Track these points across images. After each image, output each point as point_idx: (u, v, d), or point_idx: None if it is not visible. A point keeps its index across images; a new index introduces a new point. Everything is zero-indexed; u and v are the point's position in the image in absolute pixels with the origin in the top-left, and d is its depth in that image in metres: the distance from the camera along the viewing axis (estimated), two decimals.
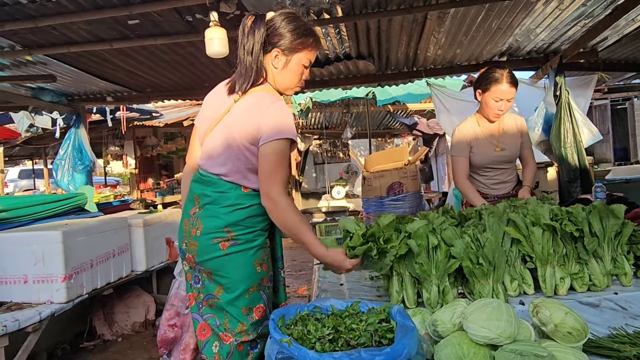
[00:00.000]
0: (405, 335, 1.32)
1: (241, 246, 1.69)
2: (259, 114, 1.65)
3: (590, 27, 4.23)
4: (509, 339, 1.37)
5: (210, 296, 1.72)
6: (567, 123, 4.58)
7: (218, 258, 1.67)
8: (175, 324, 2.44)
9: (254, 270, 1.71)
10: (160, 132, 11.83)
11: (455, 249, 1.79)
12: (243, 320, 1.69)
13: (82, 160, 5.82)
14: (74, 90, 5.77)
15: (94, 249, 3.42)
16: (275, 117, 1.64)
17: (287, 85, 1.80)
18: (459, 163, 2.95)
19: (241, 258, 1.69)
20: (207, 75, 5.23)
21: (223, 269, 1.68)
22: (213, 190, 1.72)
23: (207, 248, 1.68)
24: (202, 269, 1.72)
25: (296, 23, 1.73)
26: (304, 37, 1.74)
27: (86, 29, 3.69)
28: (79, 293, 3.25)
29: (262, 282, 1.74)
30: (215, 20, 3.14)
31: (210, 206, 1.71)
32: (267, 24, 1.70)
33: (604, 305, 1.73)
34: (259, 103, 1.67)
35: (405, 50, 4.77)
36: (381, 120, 12.30)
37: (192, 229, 1.72)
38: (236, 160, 1.70)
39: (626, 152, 12.65)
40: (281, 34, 1.71)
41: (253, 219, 1.72)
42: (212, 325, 1.73)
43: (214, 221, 1.68)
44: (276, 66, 1.74)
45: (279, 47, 1.71)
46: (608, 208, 1.84)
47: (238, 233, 1.68)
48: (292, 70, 1.76)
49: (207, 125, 1.79)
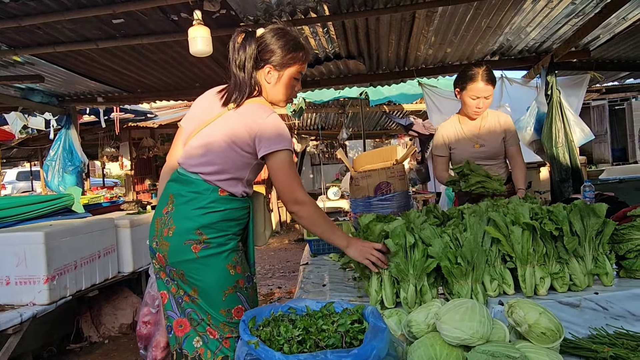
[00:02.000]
0: (375, 337, 1.28)
1: (213, 250, 1.69)
2: (255, 125, 1.68)
3: (581, 25, 4.20)
4: (482, 339, 1.34)
5: (187, 293, 1.73)
6: (558, 122, 4.55)
7: (190, 261, 1.67)
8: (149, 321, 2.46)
9: (227, 274, 1.71)
10: (157, 134, 11.81)
11: (433, 248, 1.76)
12: (223, 320, 1.70)
13: (73, 161, 5.79)
14: (63, 90, 5.74)
15: (79, 250, 3.39)
16: (275, 128, 1.70)
17: (280, 98, 1.85)
18: (437, 161, 3.14)
19: (213, 262, 1.69)
20: (196, 75, 5.21)
21: (196, 273, 1.68)
22: (189, 190, 1.72)
23: (179, 250, 1.68)
24: (173, 270, 1.72)
25: (286, 39, 1.77)
26: (294, 51, 1.79)
27: (71, 29, 3.66)
28: (62, 295, 3.21)
29: (238, 284, 1.74)
30: (198, 18, 3.12)
31: (184, 206, 1.71)
32: (257, 40, 1.74)
33: (585, 306, 1.69)
34: (256, 114, 1.71)
35: (395, 49, 4.75)
36: (377, 120, 12.29)
37: (164, 228, 1.71)
38: (222, 164, 1.71)
39: (624, 152, 12.63)
40: (272, 50, 1.75)
41: (226, 223, 1.72)
42: (195, 319, 1.72)
43: (186, 223, 1.69)
44: (269, 81, 1.79)
45: (270, 63, 1.76)
46: (589, 207, 1.81)
47: (210, 236, 1.68)
48: (284, 84, 1.81)
49: (194, 127, 1.80)
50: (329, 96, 7.09)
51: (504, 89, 5.70)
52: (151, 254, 1.80)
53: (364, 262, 1.79)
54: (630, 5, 3.75)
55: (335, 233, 1.82)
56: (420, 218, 2.16)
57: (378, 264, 1.77)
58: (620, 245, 1.88)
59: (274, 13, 3.57)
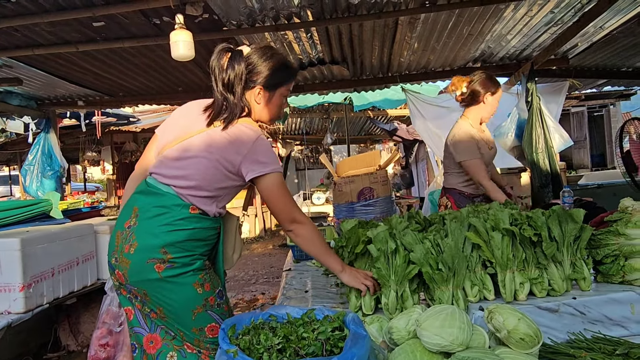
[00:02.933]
0: (356, 344, 1.28)
1: (177, 270, 1.59)
2: (244, 147, 1.65)
3: (560, 34, 4.29)
4: (462, 346, 1.34)
5: (154, 310, 1.64)
6: (538, 129, 4.63)
7: (154, 281, 1.58)
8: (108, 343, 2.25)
9: (194, 293, 1.62)
10: (140, 138, 11.67)
11: (414, 254, 1.77)
12: (197, 337, 1.64)
13: (52, 166, 5.67)
14: (43, 94, 5.64)
15: (56, 256, 3.31)
16: (265, 151, 1.68)
17: (269, 117, 1.83)
18: (477, 165, 2.85)
19: (178, 281, 1.60)
20: (179, 79, 5.17)
21: (160, 293, 1.59)
22: (157, 204, 1.63)
23: (141, 268, 1.58)
24: (134, 289, 1.62)
25: (275, 59, 1.76)
26: (283, 71, 1.78)
27: (50, 31, 3.60)
28: (39, 303, 3.13)
29: (208, 302, 1.65)
30: (181, 22, 3.09)
31: (149, 222, 1.61)
32: (245, 60, 1.71)
33: (563, 311, 1.71)
34: (244, 134, 1.67)
35: (379, 55, 4.78)
36: (362, 126, 12.34)
37: (125, 244, 1.61)
38: (201, 180, 1.64)
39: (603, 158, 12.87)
40: (262, 71, 1.73)
41: (193, 243, 1.64)
42: (168, 334, 1.65)
43: (150, 239, 1.59)
44: (259, 102, 1.77)
45: (260, 84, 1.74)
46: (567, 212, 1.83)
47: (175, 255, 1.59)
48: (274, 104, 1.81)
49: (173, 137, 1.72)
50: (313, 101, 7.10)
51: None
52: (110, 270, 1.70)
53: (360, 287, 1.79)
54: (607, 15, 3.84)
55: (332, 256, 1.83)
56: (402, 224, 2.17)
57: (371, 290, 1.80)
58: (597, 251, 1.91)
59: (257, 18, 3.57)
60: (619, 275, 1.84)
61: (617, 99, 11.15)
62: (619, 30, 4.27)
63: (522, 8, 3.72)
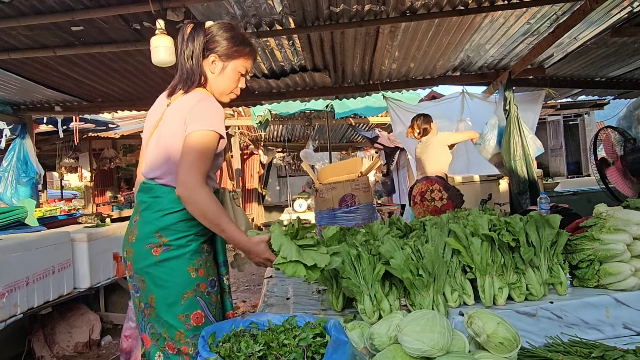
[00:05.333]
0: (337, 350, 1.28)
1: (173, 252, 1.66)
2: (185, 110, 1.67)
3: (536, 44, 4.39)
4: (442, 350, 1.36)
5: (147, 305, 1.69)
6: (516, 137, 4.71)
7: (152, 265, 1.65)
8: (130, 335, 2.52)
9: (188, 276, 1.67)
10: (119, 144, 11.48)
11: (394, 260, 1.78)
12: (180, 327, 1.65)
13: (27, 172, 5.54)
14: (18, 99, 5.51)
15: (31, 265, 3.22)
16: (202, 110, 1.65)
17: (223, 90, 1.84)
18: None
19: (173, 264, 1.66)
20: (159, 85, 5.11)
21: (156, 276, 1.66)
22: (149, 196, 1.73)
23: (141, 254, 1.67)
24: (137, 277, 1.70)
25: (233, 32, 1.80)
26: (240, 45, 1.81)
27: (27, 35, 3.53)
28: (12, 313, 3.04)
29: (199, 288, 1.69)
30: (161, 28, 3.07)
31: (146, 212, 1.71)
32: (205, 31, 1.76)
33: (541, 315, 1.74)
34: (188, 100, 1.70)
35: (360, 63, 4.81)
36: (343, 133, 12.39)
37: (130, 236, 1.73)
38: (168, 161, 1.70)
39: (578, 165, 13.15)
40: (218, 41, 1.77)
41: (185, 223, 1.68)
42: (155, 334, 1.69)
43: (147, 227, 1.68)
44: (213, 71, 1.79)
45: (215, 52, 1.77)
46: (544, 218, 1.87)
47: (170, 238, 1.66)
48: (227, 76, 1.81)
49: (147, 135, 1.81)
50: (295, 108, 7.10)
51: (464, 103, 5.86)
52: (124, 263, 1.79)
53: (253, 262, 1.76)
54: (581, 26, 3.95)
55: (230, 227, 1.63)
56: (383, 230, 2.19)
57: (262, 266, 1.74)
58: (573, 255, 1.95)
59: (239, 24, 3.56)
60: (594, 280, 1.88)
61: (591, 108, 11.44)
62: (593, 41, 4.40)
63: (500, 18, 3.81)
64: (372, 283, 1.78)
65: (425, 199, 3.92)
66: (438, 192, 3.86)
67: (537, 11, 3.70)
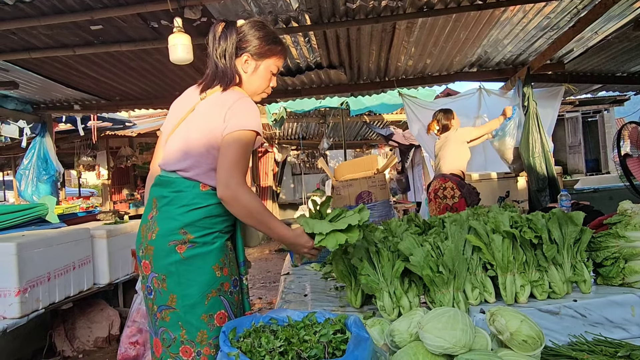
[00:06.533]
0: (358, 347, 1.27)
1: (199, 249, 1.61)
2: (224, 107, 1.65)
3: (556, 39, 4.32)
4: (464, 348, 1.34)
5: (163, 307, 1.63)
6: (535, 133, 4.64)
7: (175, 263, 1.60)
8: (137, 342, 2.35)
9: (213, 275, 1.63)
10: (135, 143, 11.62)
11: (414, 257, 1.76)
12: (204, 328, 1.61)
13: (47, 170, 5.64)
14: (39, 98, 5.61)
15: (52, 261, 3.28)
16: (241, 109, 1.65)
17: (255, 89, 1.83)
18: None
19: (199, 262, 1.61)
20: (176, 83, 5.15)
21: (180, 274, 1.60)
22: (170, 190, 1.67)
23: (164, 252, 1.61)
24: (155, 276, 1.64)
25: (265, 30, 1.79)
26: (272, 44, 1.80)
27: (47, 34, 3.59)
28: (34, 308, 3.10)
29: (223, 287, 1.66)
30: (179, 26, 3.09)
31: (167, 207, 1.66)
32: (237, 30, 1.75)
33: (564, 313, 1.71)
34: (226, 98, 1.68)
35: (376, 60, 4.79)
36: (358, 130, 12.36)
37: (149, 232, 1.66)
38: (198, 155, 1.66)
39: (597, 163, 12.94)
40: (250, 40, 1.75)
41: (211, 220, 1.65)
42: (167, 339, 1.63)
43: (170, 223, 1.62)
44: (245, 70, 1.77)
45: (248, 52, 1.75)
46: (567, 215, 1.84)
47: (195, 235, 1.61)
48: (260, 75, 1.80)
49: (171, 126, 1.78)
50: (310, 106, 7.10)
51: (482, 99, 5.79)
52: (138, 263, 1.74)
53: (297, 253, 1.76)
54: (602, 20, 3.87)
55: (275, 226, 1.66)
56: (401, 227, 2.17)
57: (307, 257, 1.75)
58: (597, 253, 1.91)
59: None
60: (619, 278, 1.85)
61: (611, 104, 11.24)
62: (614, 35, 4.30)
63: (519, 13, 3.75)
64: (391, 280, 1.77)
65: (438, 196, 3.90)
66: (450, 190, 3.85)
67: (557, 5, 3.63)
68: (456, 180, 3.92)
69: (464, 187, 3.91)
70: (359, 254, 1.87)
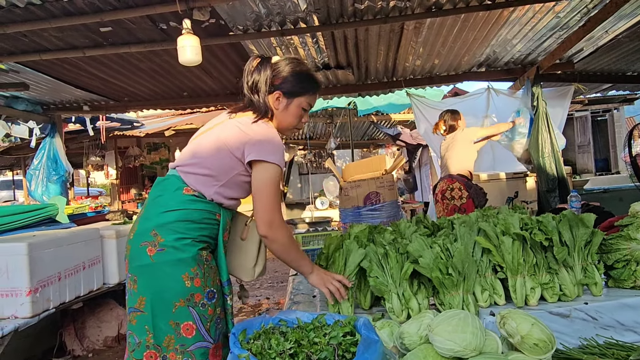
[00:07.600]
0: (368, 349, 1.27)
1: (168, 256, 1.56)
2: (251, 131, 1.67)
3: (565, 38, 4.29)
4: (475, 351, 1.33)
5: (132, 309, 1.59)
6: (544, 133, 4.61)
7: (145, 266, 1.56)
8: None
9: (182, 284, 1.57)
10: (143, 143, 11.70)
11: (423, 259, 1.75)
12: (171, 333, 1.56)
13: (57, 170, 5.69)
14: (48, 98, 5.66)
15: (63, 261, 3.31)
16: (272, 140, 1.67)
17: (286, 126, 1.83)
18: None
19: (168, 269, 1.56)
20: (185, 84, 5.18)
21: (148, 278, 1.56)
22: (158, 189, 1.69)
23: (136, 252, 1.59)
24: (129, 276, 1.61)
25: (299, 68, 1.79)
26: (305, 82, 1.80)
27: (57, 36, 3.62)
28: (45, 307, 3.12)
29: (193, 298, 1.59)
30: (188, 27, 3.10)
31: (147, 207, 1.67)
32: (272, 66, 1.76)
33: (575, 316, 1.70)
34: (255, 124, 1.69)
35: (384, 60, 4.78)
36: (365, 130, 12.34)
37: (131, 232, 1.66)
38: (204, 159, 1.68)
39: (607, 162, 12.82)
40: (284, 77, 1.76)
41: (185, 224, 1.60)
42: (131, 344, 1.60)
43: (145, 223, 1.61)
44: (277, 107, 1.77)
45: (280, 89, 1.75)
46: (578, 217, 1.82)
47: (165, 238, 1.57)
48: (291, 113, 1.80)
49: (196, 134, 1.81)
50: (318, 106, 7.10)
51: (490, 99, 5.76)
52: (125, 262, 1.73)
53: (323, 290, 1.77)
54: (613, 19, 3.84)
55: (305, 259, 1.78)
56: (410, 228, 2.17)
57: (335, 295, 1.75)
58: (608, 255, 1.89)
59: (264, 23, 3.58)
60: (631, 280, 1.83)
61: (621, 103, 11.13)
62: (625, 34, 4.26)
63: (528, 12, 3.72)
64: (400, 282, 1.77)
65: (446, 197, 3.89)
66: (458, 191, 3.83)
67: (567, 4, 3.60)
68: (463, 180, 3.90)
69: (472, 187, 3.89)
70: (367, 256, 1.86)
